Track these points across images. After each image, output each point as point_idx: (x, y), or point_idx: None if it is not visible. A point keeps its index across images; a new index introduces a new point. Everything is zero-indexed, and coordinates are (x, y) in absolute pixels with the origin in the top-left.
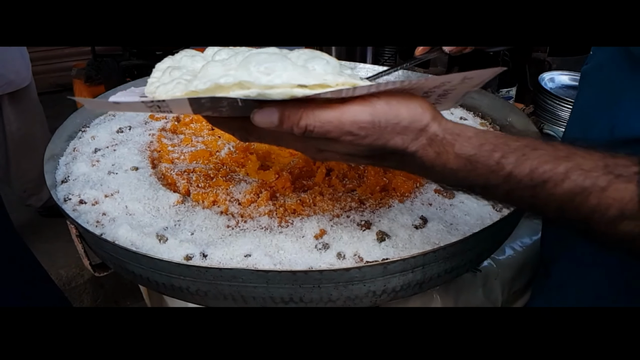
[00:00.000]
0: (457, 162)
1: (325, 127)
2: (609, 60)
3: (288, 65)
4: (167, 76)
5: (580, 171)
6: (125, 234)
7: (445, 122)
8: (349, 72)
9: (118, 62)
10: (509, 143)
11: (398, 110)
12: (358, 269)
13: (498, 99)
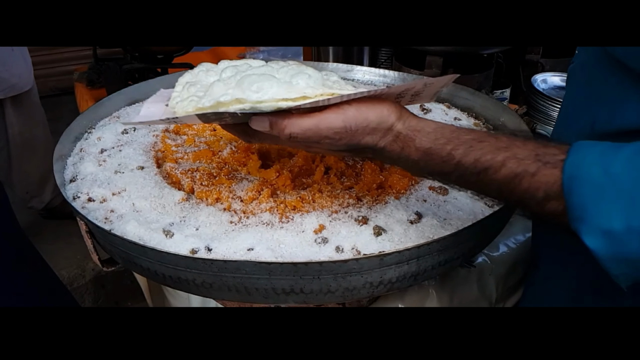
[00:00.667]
0: (417, 154)
1: (306, 133)
2: (591, 60)
3: (274, 84)
4: (186, 92)
5: (515, 159)
6: (133, 230)
7: (409, 120)
8: (334, 78)
9: (120, 66)
10: (460, 137)
11: (367, 114)
12: (356, 261)
13: (491, 99)
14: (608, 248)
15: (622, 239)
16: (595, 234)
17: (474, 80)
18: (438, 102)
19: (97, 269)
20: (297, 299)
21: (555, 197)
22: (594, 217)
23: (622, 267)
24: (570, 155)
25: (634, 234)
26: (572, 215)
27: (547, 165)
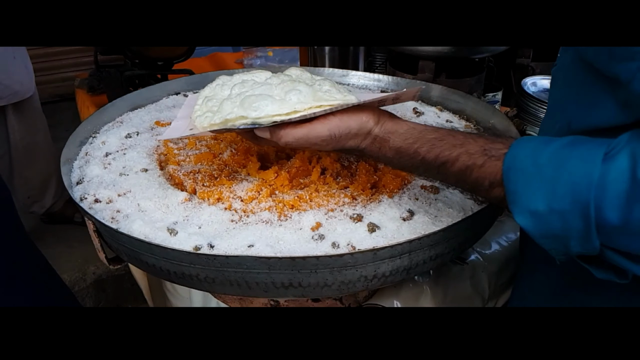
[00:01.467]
0: (391, 152)
1: (299, 141)
2: (569, 63)
3: (269, 102)
4: (204, 106)
5: (467, 154)
6: (139, 229)
7: (386, 124)
8: (326, 87)
9: (121, 73)
10: (425, 136)
11: (348, 123)
12: (351, 255)
13: (482, 102)
14: (535, 226)
15: (546, 219)
16: (524, 214)
17: (465, 83)
18: (430, 105)
19: (97, 272)
20: (295, 293)
21: (497, 184)
22: (523, 201)
23: (550, 242)
24: (510, 149)
25: (554, 214)
26: (508, 199)
27: (492, 158)
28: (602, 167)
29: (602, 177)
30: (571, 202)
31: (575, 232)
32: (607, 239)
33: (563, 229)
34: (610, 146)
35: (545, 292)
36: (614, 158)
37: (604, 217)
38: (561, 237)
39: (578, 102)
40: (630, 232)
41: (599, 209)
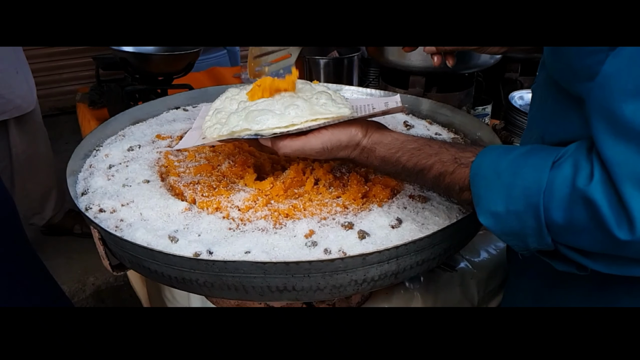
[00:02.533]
0: (377, 161)
1: (295, 152)
2: (543, 81)
3: (270, 116)
4: (214, 117)
5: (440, 163)
6: (142, 236)
7: (373, 135)
8: (323, 100)
9: (122, 87)
10: (406, 146)
11: (339, 136)
12: (341, 260)
13: (469, 116)
14: (497, 225)
15: (504, 219)
16: (486, 214)
17: (455, 98)
18: (421, 118)
19: (97, 283)
20: (289, 297)
21: (466, 189)
22: (485, 203)
23: (511, 239)
24: (477, 158)
25: (511, 215)
26: (474, 201)
27: (461, 165)
28: (550, 174)
29: (549, 183)
30: (525, 205)
31: (531, 229)
32: (557, 236)
33: (520, 228)
34: (557, 155)
35: (529, 294)
36: (561, 166)
37: (551, 218)
38: (519, 234)
39: (550, 117)
40: (573, 230)
41: (547, 210)
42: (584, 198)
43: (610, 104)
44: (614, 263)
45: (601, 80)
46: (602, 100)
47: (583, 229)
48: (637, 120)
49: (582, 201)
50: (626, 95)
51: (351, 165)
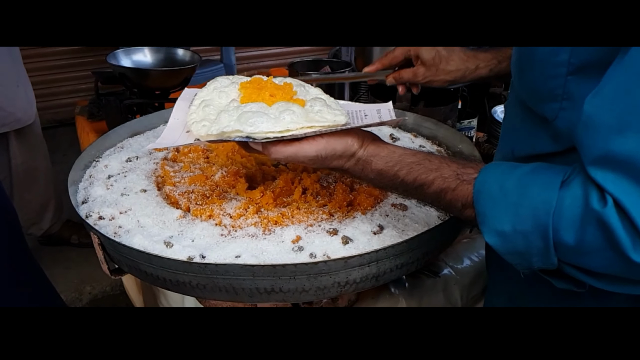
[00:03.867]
0: (373, 174)
1: (287, 159)
2: (513, 100)
3: (264, 119)
4: (201, 111)
5: (442, 178)
6: (139, 242)
7: (369, 147)
8: (317, 107)
9: (121, 101)
10: (404, 160)
11: (334, 145)
12: (324, 263)
13: (451, 129)
14: (502, 244)
15: (511, 238)
16: (492, 234)
17: (440, 112)
18: (406, 131)
19: (93, 292)
20: (277, 298)
21: (469, 206)
22: (491, 222)
23: (516, 258)
24: (480, 174)
25: (518, 234)
26: (478, 219)
27: (464, 182)
28: (559, 193)
29: (559, 203)
30: (532, 225)
31: (536, 250)
32: (564, 257)
33: (526, 247)
34: (565, 175)
35: (506, 298)
36: (570, 186)
37: (561, 238)
38: (524, 254)
39: (519, 133)
40: (583, 251)
41: (557, 231)
42: (598, 220)
43: (599, 143)
44: (617, 282)
45: (586, 120)
46: (591, 141)
47: (594, 250)
48: (628, 153)
49: (596, 222)
50: (612, 133)
51: (337, 175)
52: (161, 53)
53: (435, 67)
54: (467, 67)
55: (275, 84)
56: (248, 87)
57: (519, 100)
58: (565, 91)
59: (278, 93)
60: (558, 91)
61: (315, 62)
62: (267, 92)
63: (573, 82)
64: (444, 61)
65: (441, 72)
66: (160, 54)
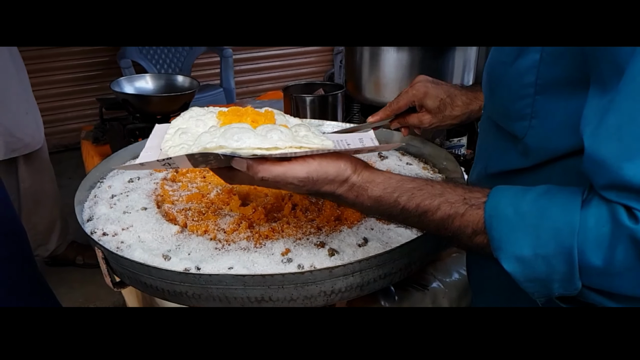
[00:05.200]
0: (369, 201)
1: (275, 178)
2: (485, 119)
3: (251, 135)
4: (178, 138)
5: (448, 203)
6: (139, 255)
7: (363, 173)
8: (303, 133)
9: (124, 125)
10: (403, 186)
11: (327, 168)
12: (310, 273)
13: (437, 148)
14: (522, 271)
15: (531, 263)
16: (510, 260)
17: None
18: (393, 149)
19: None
20: (267, 306)
21: (480, 232)
22: (509, 247)
23: (535, 286)
24: (490, 198)
25: (539, 259)
26: (493, 246)
27: (472, 207)
28: (581, 214)
29: (582, 223)
30: (555, 248)
31: (559, 275)
32: (588, 280)
33: (547, 273)
34: (584, 194)
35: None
36: (590, 205)
37: (588, 260)
38: (545, 280)
39: (491, 150)
40: (612, 272)
41: (582, 253)
42: (631, 237)
43: (611, 172)
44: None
45: (591, 154)
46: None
47: (626, 270)
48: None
49: (628, 240)
50: (622, 161)
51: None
52: (162, 80)
53: (441, 114)
54: (471, 109)
55: (256, 111)
56: (227, 114)
57: (491, 119)
58: (533, 110)
59: (260, 119)
60: (527, 110)
61: (309, 85)
62: (248, 117)
63: (540, 102)
64: (449, 108)
65: (447, 118)
66: (160, 81)
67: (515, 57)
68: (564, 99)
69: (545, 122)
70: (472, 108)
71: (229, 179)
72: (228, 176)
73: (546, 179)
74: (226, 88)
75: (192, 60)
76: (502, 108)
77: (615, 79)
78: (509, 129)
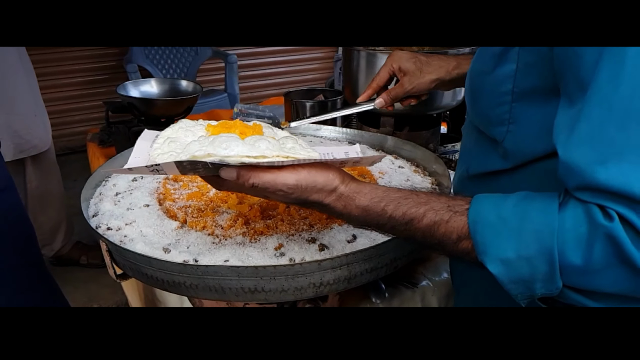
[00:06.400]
0: (357, 210)
1: (265, 185)
2: (468, 124)
3: (240, 144)
4: (166, 146)
5: (433, 211)
6: (141, 248)
7: (350, 184)
8: (290, 145)
9: (129, 128)
10: (390, 195)
11: (315, 177)
12: (300, 265)
13: (427, 152)
14: (506, 273)
15: (514, 265)
16: (495, 262)
17: (422, 136)
18: (388, 153)
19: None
20: (259, 297)
21: (465, 237)
22: (493, 250)
23: (519, 287)
24: (472, 205)
25: (522, 260)
26: (478, 250)
27: (456, 213)
28: (560, 216)
29: (561, 224)
30: (537, 249)
31: (541, 275)
32: (569, 279)
33: (530, 274)
34: (560, 197)
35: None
36: (567, 207)
37: (567, 259)
38: (528, 281)
39: (473, 153)
40: (591, 270)
41: (562, 253)
42: (607, 235)
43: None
44: (621, 302)
45: (566, 160)
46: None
47: (604, 267)
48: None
49: (604, 238)
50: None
51: None
52: (166, 84)
53: (419, 70)
54: (448, 64)
55: (245, 124)
56: (216, 126)
57: (473, 124)
58: (511, 116)
59: (248, 131)
60: (505, 116)
61: (310, 91)
62: (237, 129)
63: (517, 108)
64: (425, 64)
65: (425, 73)
66: (165, 85)
67: (494, 66)
68: (539, 105)
69: (522, 127)
70: (449, 63)
71: (218, 185)
72: (217, 182)
73: (524, 180)
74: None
75: (198, 65)
76: (483, 114)
77: (580, 93)
78: (489, 134)
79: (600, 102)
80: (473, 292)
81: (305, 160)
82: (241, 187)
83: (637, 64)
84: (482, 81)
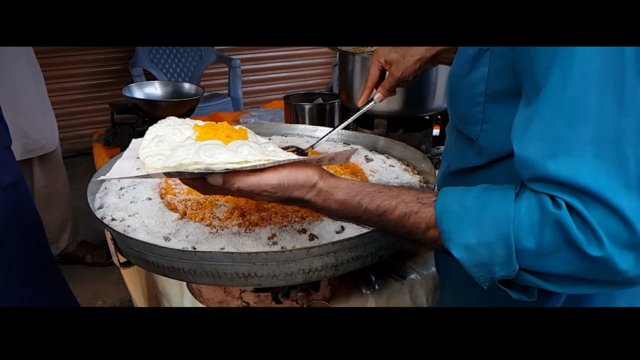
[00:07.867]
0: (335, 204)
1: (250, 187)
2: (450, 124)
3: (223, 151)
4: (155, 146)
5: (404, 203)
6: (143, 237)
7: (328, 179)
8: (271, 148)
9: (133, 129)
10: (365, 190)
11: (296, 175)
12: (290, 252)
13: (416, 152)
14: (469, 257)
15: (476, 250)
16: (459, 248)
17: (414, 138)
18: (380, 153)
19: (104, 306)
20: (253, 282)
21: (432, 226)
22: (457, 237)
23: (480, 270)
24: (439, 197)
25: (483, 245)
26: (443, 237)
27: (425, 205)
28: (515, 205)
29: (516, 212)
30: (495, 235)
31: (500, 259)
32: (524, 262)
33: (490, 257)
34: (516, 189)
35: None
36: (522, 197)
37: (522, 244)
38: (488, 264)
39: (453, 151)
40: (543, 253)
41: (517, 238)
42: (555, 222)
43: (538, 168)
44: (572, 283)
45: (520, 155)
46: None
47: (553, 251)
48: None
49: (553, 224)
50: (546, 158)
51: None
52: (169, 87)
53: (402, 57)
54: (432, 54)
55: (231, 127)
56: (204, 127)
57: (452, 124)
58: (484, 116)
59: (234, 135)
60: (479, 116)
61: (309, 95)
62: (223, 132)
63: (490, 109)
64: (406, 50)
65: (408, 57)
66: (168, 88)
67: (469, 70)
68: (509, 106)
69: (495, 126)
70: (432, 53)
71: (205, 190)
72: (204, 187)
73: (497, 175)
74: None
75: (202, 69)
76: (460, 114)
77: (534, 94)
78: (466, 132)
79: (551, 103)
80: (456, 283)
81: (285, 161)
82: (227, 191)
83: (583, 69)
84: (459, 83)
